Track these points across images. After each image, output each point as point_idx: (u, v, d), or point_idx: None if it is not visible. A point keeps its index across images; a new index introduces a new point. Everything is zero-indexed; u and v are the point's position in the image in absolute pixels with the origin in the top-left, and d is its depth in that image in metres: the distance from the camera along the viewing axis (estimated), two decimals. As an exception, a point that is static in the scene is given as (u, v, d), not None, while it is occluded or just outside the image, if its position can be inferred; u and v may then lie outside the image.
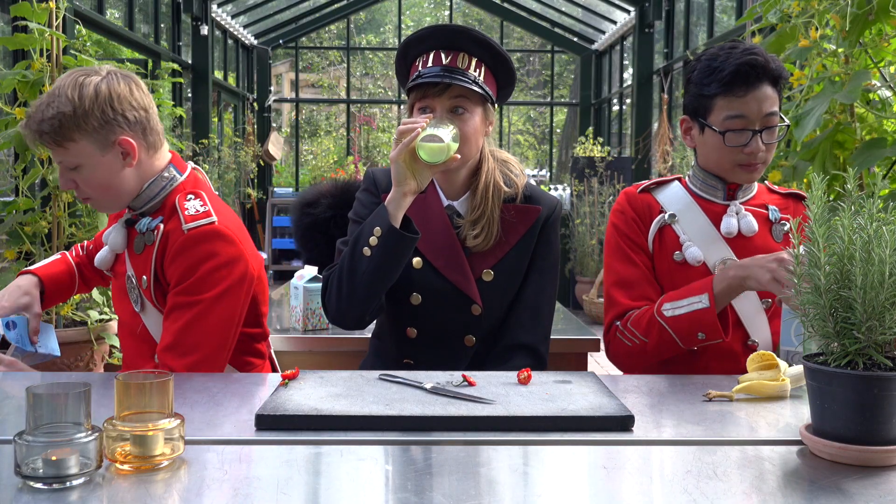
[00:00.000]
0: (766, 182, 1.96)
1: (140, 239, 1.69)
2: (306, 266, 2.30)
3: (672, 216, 1.81)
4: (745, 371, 1.45)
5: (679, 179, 1.89)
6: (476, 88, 1.71)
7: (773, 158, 2.07)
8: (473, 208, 1.78)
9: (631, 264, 1.81)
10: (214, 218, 1.64)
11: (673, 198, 1.85)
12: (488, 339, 1.81)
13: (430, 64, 1.72)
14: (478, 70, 1.73)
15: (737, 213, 1.79)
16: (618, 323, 1.78)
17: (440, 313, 1.78)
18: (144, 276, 1.67)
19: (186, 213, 1.64)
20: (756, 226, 1.78)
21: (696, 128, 1.79)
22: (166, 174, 1.70)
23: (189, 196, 1.68)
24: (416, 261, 1.77)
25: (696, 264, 1.78)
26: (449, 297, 1.76)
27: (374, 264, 1.63)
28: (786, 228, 1.80)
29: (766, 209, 1.82)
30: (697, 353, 1.78)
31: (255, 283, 1.70)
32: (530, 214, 1.81)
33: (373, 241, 1.63)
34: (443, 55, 1.71)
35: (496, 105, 1.82)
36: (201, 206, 1.66)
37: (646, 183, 1.89)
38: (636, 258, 1.82)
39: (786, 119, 1.76)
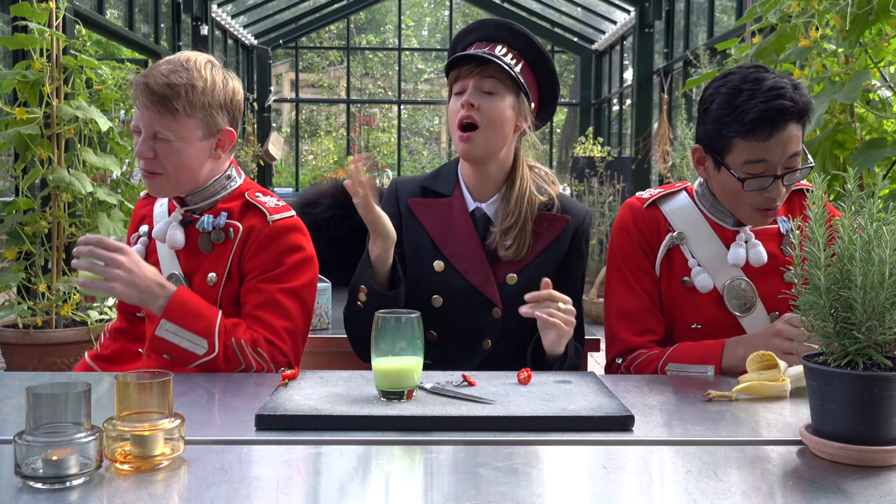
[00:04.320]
0: None
1: (205, 238, 1.68)
2: (306, 266, 2.29)
3: (680, 235, 1.72)
4: (745, 371, 1.46)
5: (687, 189, 1.77)
6: (509, 69, 1.71)
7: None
8: (506, 216, 1.78)
9: (633, 293, 1.73)
10: (293, 213, 1.72)
11: (681, 213, 1.74)
12: (504, 342, 1.81)
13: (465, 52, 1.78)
14: (515, 61, 1.75)
15: (746, 242, 1.69)
16: (619, 361, 1.73)
17: (461, 316, 1.79)
18: (212, 274, 1.66)
19: (267, 206, 1.69)
20: (765, 256, 1.68)
21: (711, 161, 1.65)
22: (229, 174, 1.73)
23: (258, 194, 1.73)
24: (439, 264, 1.78)
25: (706, 291, 1.70)
26: (470, 299, 1.77)
27: (369, 317, 1.64)
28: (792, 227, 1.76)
29: (776, 221, 1.73)
30: None
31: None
32: (559, 223, 1.81)
33: (362, 296, 1.68)
34: (483, 45, 1.76)
35: (532, 107, 1.81)
36: (277, 201, 1.73)
37: (652, 195, 1.77)
38: (638, 286, 1.73)
39: (810, 157, 1.63)
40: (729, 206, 1.68)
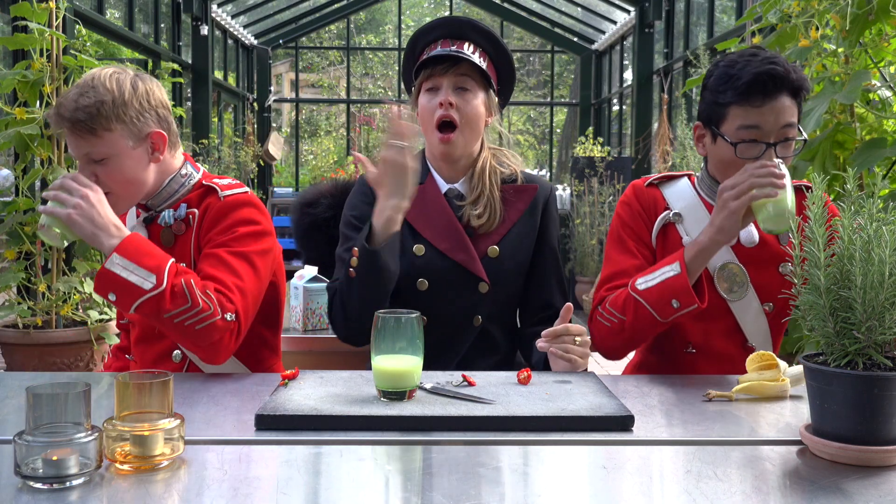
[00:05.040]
0: None
1: (167, 232, 1.71)
2: (306, 266, 2.30)
3: (677, 215, 1.77)
4: (743, 372, 1.45)
5: (689, 176, 1.83)
6: (482, 64, 1.79)
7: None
8: (472, 189, 1.85)
9: (630, 255, 1.77)
10: (247, 189, 1.74)
11: (680, 195, 1.80)
12: (494, 316, 1.84)
13: (437, 51, 1.82)
14: (482, 59, 1.82)
15: None
16: (598, 307, 1.76)
17: (448, 296, 1.81)
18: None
19: (220, 185, 1.72)
20: (756, 236, 1.73)
21: (709, 136, 1.71)
22: (184, 171, 1.75)
23: (215, 179, 1.75)
24: (419, 248, 1.81)
25: None
26: (456, 278, 1.80)
27: (361, 284, 1.66)
28: None
29: None
30: (694, 356, 1.76)
31: (276, 266, 1.77)
32: (528, 192, 1.89)
33: (354, 261, 1.67)
34: (449, 43, 1.82)
35: (497, 101, 1.89)
36: (232, 180, 1.75)
37: (654, 176, 1.85)
38: (637, 250, 1.78)
39: (804, 133, 1.66)
40: (724, 180, 1.69)
